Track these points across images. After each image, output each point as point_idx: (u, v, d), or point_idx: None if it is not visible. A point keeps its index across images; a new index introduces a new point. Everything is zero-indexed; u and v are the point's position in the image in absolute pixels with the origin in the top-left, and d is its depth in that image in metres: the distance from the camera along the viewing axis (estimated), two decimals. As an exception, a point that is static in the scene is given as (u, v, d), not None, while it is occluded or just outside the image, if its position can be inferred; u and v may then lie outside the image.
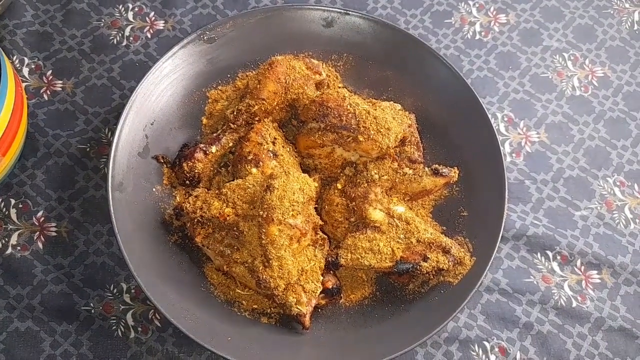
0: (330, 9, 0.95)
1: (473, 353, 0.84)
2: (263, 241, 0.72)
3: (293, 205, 0.72)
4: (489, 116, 0.88)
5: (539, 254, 0.91)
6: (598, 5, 1.14)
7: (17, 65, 0.98)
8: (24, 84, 0.96)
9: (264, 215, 0.71)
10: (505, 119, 1.02)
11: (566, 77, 1.07)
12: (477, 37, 1.09)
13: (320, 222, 0.76)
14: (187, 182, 0.84)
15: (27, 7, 1.02)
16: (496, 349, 0.84)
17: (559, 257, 0.91)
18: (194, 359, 0.80)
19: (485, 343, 0.84)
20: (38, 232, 0.87)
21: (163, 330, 0.82)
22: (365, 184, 0.81)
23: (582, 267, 0.91)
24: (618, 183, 0.98)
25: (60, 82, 0.98)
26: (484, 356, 0.84)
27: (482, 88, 1.03)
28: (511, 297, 0.87)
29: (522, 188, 0.96)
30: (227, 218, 0.75)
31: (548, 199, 0.95)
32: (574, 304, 0.88)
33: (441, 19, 1.10)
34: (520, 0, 1.13)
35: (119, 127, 0.81)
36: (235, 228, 0.75)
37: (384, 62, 0.95)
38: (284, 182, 0.72)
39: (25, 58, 0.99)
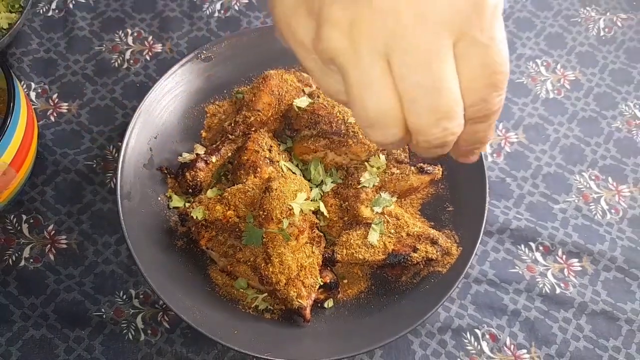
0: (317, 26, 1.02)
1: (465, 340, 0.89)
2: (264, 239, 0.77)
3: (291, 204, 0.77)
4: (469, 119, 0.94)
5: (522, 246, 0.97)
6: (566, 14, 1.22)
7: (25, 90, 1.04)
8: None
9: (263, 215, 0.77)
10: (485, 122, 1.09)
11: (540, 81, 1.14)
12: (455, 48, 1.16)
13: (316, 221, 0.82)
14: (190, 190, 0.89)
15: (33, 36, 1.09)
16: (487, 336, 0.89)
17: (541, 248, 0.97)
18: (202, 357, 0.85)
19: (477, 330, 0.89)
20: (49, 245, 0.92)
21: (172, 331, 0.86)
22: (357, 185, 0.87)
23: (564, 256, 0.97)
24: (593, 177, 1.04)
25: (66, 104, 1.04)
26: (475, 343, 0.89)
27: (462, 94, 1.10)
28: (498, 286, 0.93)
29: (503, 185, 1.02)
30: (230, 220, 0.80)
31: (528, 194, 1.02)
32: (558, 290, 0.93)
33: (421, 33, 1.18)
34: (493, 12, 1.21)
35: (125, 140, 0.87)
36: (237, 229, 0.80)
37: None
38: (281, 183, 0.78)
39: (32, 83, 1.05)
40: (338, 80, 0.45)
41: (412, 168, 0.88)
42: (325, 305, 0.85)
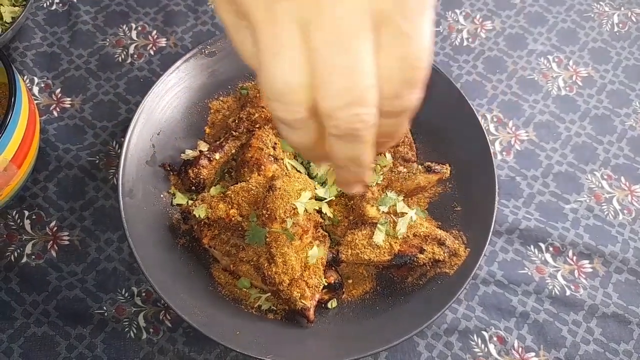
0: (324, 21, 0.99)
1: (472, 343, 0.87)
2: (267, 239, 0.76)
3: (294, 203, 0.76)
4: (479, 117, 0.92)
5: (532, 246, 0.95)
6: (579, 9, 1.19)
7: (28, 85, 1.03)
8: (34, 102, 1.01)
9: (267, 214, 0.75)
10: (495, 119, 1.06)
11: (551, 78, 1.12)
12: (465, 43, 1.14)
13: (321, 220, 0.80)
14: (193, 187, 0.88)
15: (36, 30, 1.08)
16: (494, 338, 0.87)
17: (551, 249, 0.95)
18: (204, 357, 0.84)
19: (484, 333, 0.88)
20: (51, 241, 0.91)
21: (174, 330, 0.85)
22: (363, 184, 0.85)
23: (574, 258, 0.94)
24: (605, 176, 1.02)
25: (69, 99, 1.03)
26: (483, 345, 0.87)
27: (471, 91, 1.08)
28: (507, 288, 0.91)
29: (513, 184, 1.00)
30: (233, 219, 0.79)
31: (539, 193, 0.99)
32: (568, 292, 0.91)
33: (430, 28, 1.15)
34: (504, 7, 1.19)
35: (127, 137, 0.85)
36: (240, 228, 0.79)
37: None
38: (285, 182, 0.76)
39: (35, 77, 1.04)
40: (252, 40, 0.41)
41: (420, 167, 0.86)
42: (329, 305, 0.83)
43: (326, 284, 0.80)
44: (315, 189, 0.82)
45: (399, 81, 0.40)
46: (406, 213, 0.82)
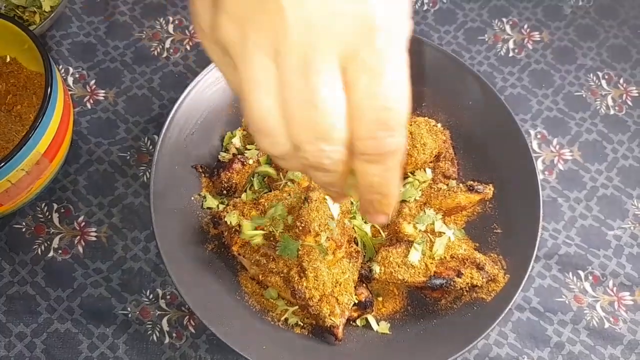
0: (367, 25, 0.96)
1: (503, 371, 0.83)
2: (299, 252, 0.73)
3: (329, 217, 0.73)
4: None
5: (570, 274, 0.90)
6: (634, 24, 1.14)
7: (63, 74, 1.02)
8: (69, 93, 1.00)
9: (301, 227, 0.73)
10: (539, 136, 1.02)
11: (600, 95, 1.06)
12: (511, 54, 1.10)
13: (355, 235, 0.77)
14: (225, 191, 0.86)
15: (73, 19, 1.06)
16: (527, 368, 0.84)
17: (590, 277, 0.90)
18: (227, 366, 0.82)
19: (516, 361, 0.84)
20: (79, 237, 0.90)
21: (197, 336, 0.83)
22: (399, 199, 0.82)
23: (615, 288, 0.90)
24: (653, 204, 0.97)
25: (103, 91, 1.01)
26: (514, 374, 0.83)
27: (515, 105, 1.04)
28: (542, 316, 0.87)
29: (554, 206, 0.96)
30: (264, 228, 0.76)
31: (581, 217, 0.95)
32: (606, 325, 0.87)
33: (474, 36, 1.11)
34: (554, 18, 1.14)
35: (161, 137, 0.83)
36: (272, 238, 0.77)
37: (418, 77, 0.95)
38: (321, 194, 0.73)
39: (70, 67, 1.03)
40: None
41: (461, 185, 0.82)
42: (358, 322, 0.81)
43: (356, 302, 0.77)
44: (351, 202, 0.79)
45: (370, 121, 0.38)
46: (444, 233, 0.79)
